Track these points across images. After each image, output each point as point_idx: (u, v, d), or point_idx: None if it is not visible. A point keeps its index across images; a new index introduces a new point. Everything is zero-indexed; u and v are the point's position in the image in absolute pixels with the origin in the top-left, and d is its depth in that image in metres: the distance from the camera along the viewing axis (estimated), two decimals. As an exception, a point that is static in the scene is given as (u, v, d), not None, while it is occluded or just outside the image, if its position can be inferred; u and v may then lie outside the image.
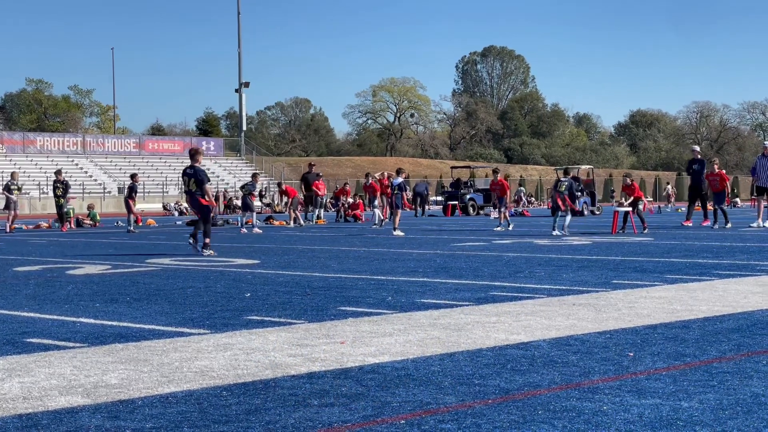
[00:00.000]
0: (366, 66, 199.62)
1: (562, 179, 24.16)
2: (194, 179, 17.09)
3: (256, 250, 18.39)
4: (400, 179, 26.24)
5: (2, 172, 69.05)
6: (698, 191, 28.14)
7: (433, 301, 9.43)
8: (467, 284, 11.10)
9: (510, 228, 26.90)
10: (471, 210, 46.49)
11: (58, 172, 32.75)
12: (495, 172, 29.68)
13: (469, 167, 63.77)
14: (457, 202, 47.04)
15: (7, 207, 31.17)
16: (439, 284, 11.15)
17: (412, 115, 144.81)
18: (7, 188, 31.01)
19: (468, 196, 47.21)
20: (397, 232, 24.54)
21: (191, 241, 17.19)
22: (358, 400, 5.03)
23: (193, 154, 17.66)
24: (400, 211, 25.84)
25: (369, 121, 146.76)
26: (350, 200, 41.87)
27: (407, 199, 26.82)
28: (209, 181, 17.49)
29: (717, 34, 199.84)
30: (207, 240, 17.12)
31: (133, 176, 30.39)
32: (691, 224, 27.39)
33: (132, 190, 29.60)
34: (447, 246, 18.93)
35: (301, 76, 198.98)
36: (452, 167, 60.13)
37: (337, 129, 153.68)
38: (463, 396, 5.11)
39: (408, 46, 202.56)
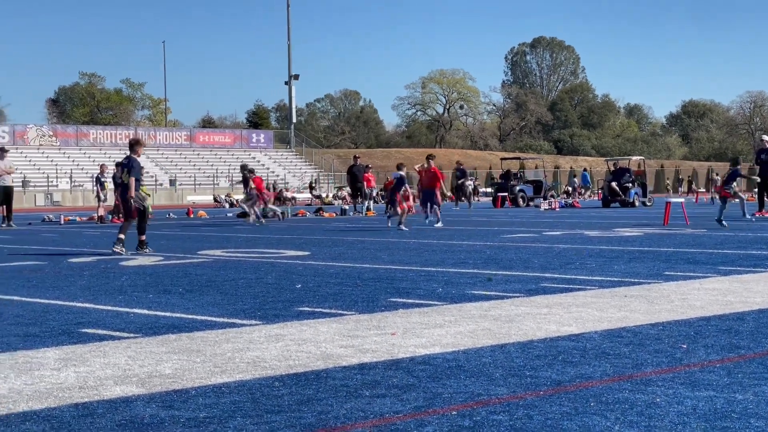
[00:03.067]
0: (415, 58, 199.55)
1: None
2: (126, 170, 16.04)
3: (306, 242, 18.46)
4: (400, 173, 24.02)
5: (56, 165, 69.95)
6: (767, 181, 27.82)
7: (484, 292, 9.41)
8: (517, 275, 11.06)
9: (438, 225, 24.04)
10: (521, 201, 46.30)
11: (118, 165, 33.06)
12: (429, 158, 25.55)
13: (518, 159, 63.48)
14: (506, 194, 46.86)
15: (98, 198, 31.80)
16: (490, 275, 11.11)
17: (461, 107, 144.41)
18: (98, 181, 31.70)
19: (518, 188, 47.00)
20: (394, 224, 23.05)
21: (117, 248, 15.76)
22: (410, 391, 5.04)
23: (132, 144, 16.39)
24: (404, 205, 23.40)
25: (418, 113, 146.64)
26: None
27: (408, 194, 24.29)
28: (140, 176, 16.30)
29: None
30: (121, 236, 15.91)
31: None
32: (766, 215, 27.07)
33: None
34: (497, 237, 18.87)
35: (350, 68, 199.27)
36: (502, 159, 59.87)
37: (387, 121, 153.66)
38: (515, 387, 5.10)
39: (457, 38, 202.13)
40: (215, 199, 61.89)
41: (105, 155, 70.20)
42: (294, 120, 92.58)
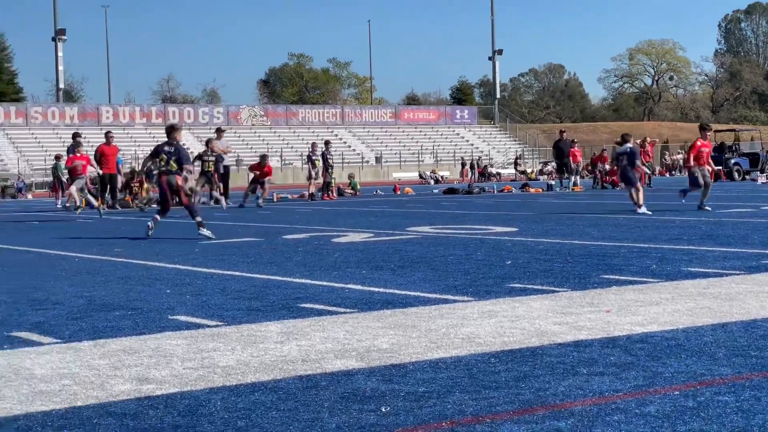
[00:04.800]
0: (622, 29, 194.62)
1: None
2: (175, 158, 15.03)
3: (513, 218, 18.40)
4: (628, 145, 20.32)
5: (267, 144, 72.30)
6: None
7: (701, 269, 9.13)
8: (736, 252, 10.67)
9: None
10: (736, 175, 44.58)
11: (327, 143, 33.71)
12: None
13: (733, 131, 61.09)
14: (720, 167, 45.23)
15: (309, 176, 32.54)
16: (706, 252, 10.78)
17: (671, 78, 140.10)
18: (309, 159, 32.47)
19: (733, 161, 45.28)
20: (642, 209, 18.73)
21: (204, 232, 14.66)
22: (628, 370, 4.96)
23: (170, 131, 15.38)
24: (639, 185, 19.67)
25: (625, 85, 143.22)
26: (607, 167, 41.04)
27: (641, 170, 21.36)
28: (189, 162, 15.67)
29: None
30: (198, 219, 14.86)
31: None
32: None
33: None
34: (712, 212, 18.24)
35: (554, 42, 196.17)
36: (715, 131, 57.72)
37: (592, 94, 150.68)
38: (739, 368, 4.94)
39: (666, 7, 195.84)
40: (420, 176, 62.48)
41: (313, 134, 72.06)
42: (498, 95, 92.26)
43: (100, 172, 26.65)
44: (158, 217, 15.21)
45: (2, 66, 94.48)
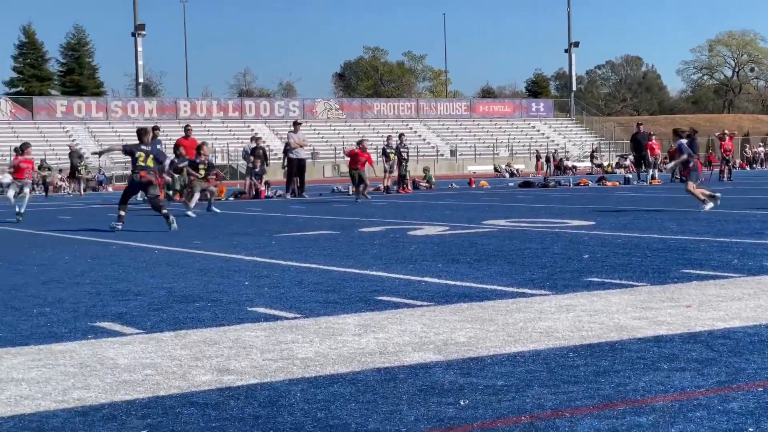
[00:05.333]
0: (701, 20, 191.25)
1: None
2: (153, 156, 16.25)
3: (590, 211, 18.23)
4: (683, 141, 18.41)
5: (342, 137, 72.63)
6: None
7: (784, 264, 8.96)
8: (820, 247, 10.45)
9: None
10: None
11: (401, 136, 33.78)
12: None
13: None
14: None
15: (384, 169, 32.65)
16: (789, 247, 10.57)
17: (752, 69, 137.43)
18: (384, 152, 32.61)
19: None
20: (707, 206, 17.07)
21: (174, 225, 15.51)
22: (710, 366, 4.89)
23: (142, 133, 16.48)
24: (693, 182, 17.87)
25: (705, 77, 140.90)
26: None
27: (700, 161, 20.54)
28: (165, 159, 17.07)
29: None
30: (164, 212, 15.80)
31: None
32: None
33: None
34: (794, 206, 17.88)
35: (631, 34, 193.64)
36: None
37: (670, 86, 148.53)
38: (825, 365, 4.84)
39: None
40: (495, 169, 62.21)
41: (388, 127, 72.15)
42: (574, 88, 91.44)
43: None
44: (122, 213, 16.05)
45: (83, 61, 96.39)
